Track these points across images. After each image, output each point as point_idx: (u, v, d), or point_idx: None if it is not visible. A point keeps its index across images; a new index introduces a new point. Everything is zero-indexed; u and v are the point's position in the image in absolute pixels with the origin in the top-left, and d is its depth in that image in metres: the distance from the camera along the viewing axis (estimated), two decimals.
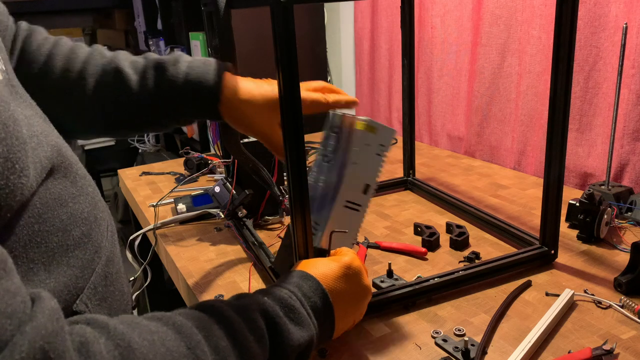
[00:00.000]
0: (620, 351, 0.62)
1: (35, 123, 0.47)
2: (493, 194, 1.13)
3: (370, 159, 0.69)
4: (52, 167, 0.47)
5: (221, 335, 0.47)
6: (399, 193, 1.19)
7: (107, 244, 0.54)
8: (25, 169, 0.41)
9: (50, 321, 0.33)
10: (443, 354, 0.63)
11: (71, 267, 0.47)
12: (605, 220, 0.88)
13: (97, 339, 0.37)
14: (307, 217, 0.65)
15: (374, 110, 1.90)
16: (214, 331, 0.47)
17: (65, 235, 0.47)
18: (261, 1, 0.73)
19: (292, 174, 0.62)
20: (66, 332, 0.35)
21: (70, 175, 0.50)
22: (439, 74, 1.54)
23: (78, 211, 0.50)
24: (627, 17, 1.01)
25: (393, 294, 0.72)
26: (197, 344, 0.44)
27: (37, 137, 0.46)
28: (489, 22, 1.32)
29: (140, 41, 2.99)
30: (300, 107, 0.60)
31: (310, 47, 1.90)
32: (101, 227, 0.54)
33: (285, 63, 0.58)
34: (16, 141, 0.40)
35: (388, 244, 0.91)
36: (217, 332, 0.47)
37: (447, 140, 1.58)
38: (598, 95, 1.11)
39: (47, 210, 0.46)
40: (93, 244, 0.51)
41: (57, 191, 0.48)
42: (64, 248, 0.47)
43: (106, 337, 0.38)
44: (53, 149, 0.48)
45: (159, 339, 0.42)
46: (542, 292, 0.75)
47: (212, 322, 0.48)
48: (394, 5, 1.66)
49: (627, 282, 0.73)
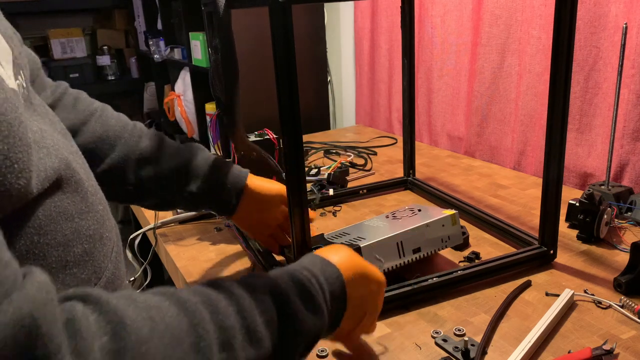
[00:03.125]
0: (620, 351, 0.62)
1: (48, 137, 0.47)
2: (493, 194, 1.13)
3: (436, 236, 0.80)
4: (59, 179, 0.46)
5: (228, 314, 0.44)
6: (399, 193, 1.19)
7: (109, 265, 0.52)
8: (24, 172, 0.40)
9: (39, 292, 0.32)
10: (443, 354, 0.63)
11: (66, 286, 0.46)
12: (605, 220, 0.88)
13: (87, 316, 0.36)
14: (305, 213, 0.65)
15: (374, 110, 1.90)
16: (220, 309, 0.44)
17: (66, 251, 0.46)
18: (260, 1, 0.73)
19: (291, 174, 0.62)
20: (56, 305, 0.34)
21: (81, 190, 0.49)
22: (439, 74, 1.54)
23: (84, 228, 0.49)
24: (627, 17, 1.01)
25: (393, 293, 0.72)
26: (200, 321, 0.42)
27: (47, 149, 0.45)
28: (489, 22, 1.32)
29: (140, 41, 3.00)
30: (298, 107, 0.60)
31: (310, 47, 1.90)
32: (106, 247, 0.52)
33: (283, 63, 0.58)
34: (19, 142, 0.40)
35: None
36: (224, 310, 0.44)
37: (447, 140, 1.58)
38: (598, 95, 1.11)
39: (50, 222, 0.45)
40: (93, 264, 0.49)
41: (64, 205, 0.47)
42: (62, 264, 0.46)
43: (98, 313, 0.37)
44: (62, 161, 0.47)
45: (158, 314, 0.40)
46: (542, 292, 0.75)
47: (220, 299, 0.45)
48: (394, 5, 1.66)
49: (627, 282, 0.73)
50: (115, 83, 3.32)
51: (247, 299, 0.47)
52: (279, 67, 0.59)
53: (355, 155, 1.47)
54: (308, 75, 1.91)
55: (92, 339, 0.34)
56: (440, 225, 0.81)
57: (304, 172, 0.63)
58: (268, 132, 1.18)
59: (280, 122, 0.61)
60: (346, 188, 1.18)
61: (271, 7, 0.57)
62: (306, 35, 1.88)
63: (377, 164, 1.40)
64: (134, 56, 3.31)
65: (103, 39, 3.34)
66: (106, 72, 3.30)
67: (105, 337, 0.35)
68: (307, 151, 1.50)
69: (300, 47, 0.57)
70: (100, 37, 3.35)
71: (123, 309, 0.38)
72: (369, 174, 1.32)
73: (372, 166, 1.38)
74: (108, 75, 3.31)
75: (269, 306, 0.48)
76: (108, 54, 3.27)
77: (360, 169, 1.36)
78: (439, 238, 0.81)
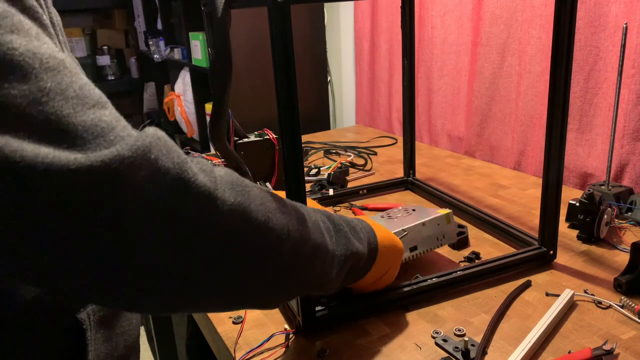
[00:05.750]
0: (620, 351, 0.62)
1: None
2: (493, 194, 1.13)
3: (432, 235, 0.82)
4: None
5: (311, 213, 0.53)
6: (399, 193, 1.19)
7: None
8: None
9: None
10: (443, 354, 0.63)
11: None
12: (605, 220, 0.88)
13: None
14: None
15: (374, 110, 1.90)
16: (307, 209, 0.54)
17: None
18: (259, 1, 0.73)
19: (290, 174, 0.62)
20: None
21: None
22: (439, 74, 1.54)
23: None
24: (627, 17, 1.01)
25: (393, 294, 0.72)
26: (296, 206, 0.51)
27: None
28: (489, 22, 1.32)
29: (140, 41, 2.99)
30: (297, 108, 0.60)
31: (310, 47, 1.90)
32: None
33: (282, 63, 0.58)
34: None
35: (374, 205, 1.07)
36: (309, 211, 0.53)
37: (447, 140, 1.58)
38: (598, 95, 1.11)
39: None
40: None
41: None
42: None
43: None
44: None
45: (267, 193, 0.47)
46: (542, 292, 0.75)
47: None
48: (394, 5, 1.66)
49: (627, 282, 0.72)
50: (115, 83, 3.32)
51: (317, 212, 0.56)
52: (278, 67, 0.59)
53: (355, 155, 1.47)
54: (308, 75, 1.91)
55: (210, 165, 0.41)
56: (436, 224, 0.82)
57: (302, 172, 0.63)
58: (268, 132, 1.19)
59: (279, 122, 0.61)
60: (346, 188, 1.18)
61: (270, 7, 0.57)
62: (306, 35, 1.88)
63: (377, 164, 1.40)
64: (134, 56, 3.32)
65: (103, 39, 3.34)
66: (106, 72, 3.30)
67: (221, 169, 0.42)
68: (307, 151, 1.50)
69: (300, 47, 0.57)
70: (100, 37, 3.35)
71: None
72: (369, 174, 1.32)
73: (372, 166, 1.38)
74: (108, 75, 3.31)
75: (329, 225, 0.57)
76: (108, 54, 3.27)
77: (360, 169, 1.36)
78: (434, 236, 0.82)
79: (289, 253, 0.47)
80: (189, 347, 1.29)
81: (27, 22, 0.35)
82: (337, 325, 0.69)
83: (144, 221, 0.34)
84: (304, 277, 0.51)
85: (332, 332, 0.68)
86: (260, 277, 0.45)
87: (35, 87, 0.32)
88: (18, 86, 0.32)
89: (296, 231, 0.48)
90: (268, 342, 0.66)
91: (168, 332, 1.50)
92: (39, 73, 0.33)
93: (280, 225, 0.46)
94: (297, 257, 0.48)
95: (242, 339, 0.68)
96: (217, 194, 0.39)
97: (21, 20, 0.34)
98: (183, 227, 0.36)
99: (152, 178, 0.34)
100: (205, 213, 0.38)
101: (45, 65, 0.33)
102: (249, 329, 0.70)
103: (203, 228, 0.38)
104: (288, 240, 0.46)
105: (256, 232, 0.43)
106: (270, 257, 0.45)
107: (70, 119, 0.33)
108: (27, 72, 0.32)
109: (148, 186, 0.34)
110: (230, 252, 0.41)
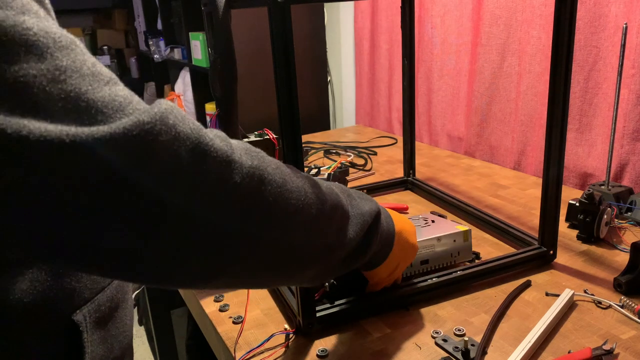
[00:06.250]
0: (620, 351, 0.62)
1: None
2: (493, 194, 1.13)
3: (446, 250, 0.80)
4: None
5: (330, 191, 0.53)
6: (399, 193, 1.19)
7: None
8: None
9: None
10: (443, 354, 0.63)
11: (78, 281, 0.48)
12: (605, 220, 0.88)
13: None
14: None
15: (373, 110, 1.90)
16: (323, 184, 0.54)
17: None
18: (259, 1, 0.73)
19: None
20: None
21: None
22: (439, 74, 1.54)
23: None
24: (627, 17, 1.01)
25: (393, 293, 0.72)
26: (313, 181, 0.51)
27: None
28: (489, 22, 1.32)
29: (140, 41, 3.00)
30: (297, 108, 0.60)
31: (310, 47, 1.90)
32: None
33: (282, 63, 0.58)
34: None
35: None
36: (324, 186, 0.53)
37: (447, 140, 1.58)
38: (598, 95, 1.11)
39: None
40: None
41: None
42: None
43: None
44: None
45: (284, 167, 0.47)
46: (542, 292, 0.75)
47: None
48: (394, 5, 1.66)
49: (627, 282, 0.73)
50: None
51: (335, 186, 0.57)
52: (278, 67, 0.59)
53: (355, 155, 1.47)
54: (308, 75, 1.91)
55: (223, 133, 0.41)
56: (452, 240, 0.80)
57: (302, 171, 0.63)
58: (268, 132, 1.19)
59: (280, 122, 0.61)
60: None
61: (270, 7, 0.57)
62: (306, 35, 1.88)
63: (377, 164, 1.40)
64: (134, 56, 3.32)
65: (103, 39, 3.35)
66: None
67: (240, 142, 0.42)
68: (307, 151, 1.50)
69: (300, 47, 0.58)
70: (100, 37, 3.36)
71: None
72: (369, 174, 1.32)
73: (372, 166, 1.38)
74: None
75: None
76: (108, 54, 3.27)
77: (360, 169, 1.36)
78: (448, 253, 0.80)
79: (309, 213, 0.48)
80: (189, 347, 1.30)
81: (33, 3, 0.35)
82: (337, 325, 0.69)
83: (168, 187, 0.35)
84: (325, 237, 0.51)
85: (332, 332, 0.68)
86: (279, 241, 0.45)
87: (52, 66, 0.33)
88: (36, 66, 0.32)
89: (312, 193, 0.49)
90: (268, 342, 0.66)
91: (168, 332, 1.50)
92: (54, 52, 0.33)
93: (297, 187, 0.46)
94: (318, 216, 0.49)
95: (242, 338, 0.68)
96: (235, 158, 0.39)
97: (29, 1, 0.35)
98: (206, 190, 0.37)
99: (172, 143, 0.35)
100: (225, 176, 0.39)
101: (59, 44, 0.34)
102: (249, 328, 0.70)
103: (225, 191, 0.39)
104: (306, 200, 0.47)
105: (276, 193, 0.43)
106: (292, 215, 0.46)
107: (89, 95, 0.33)
108: (43, 51, 0.33)
109: (170, 151, 0.35)
110: (252, 213, 0.41)
